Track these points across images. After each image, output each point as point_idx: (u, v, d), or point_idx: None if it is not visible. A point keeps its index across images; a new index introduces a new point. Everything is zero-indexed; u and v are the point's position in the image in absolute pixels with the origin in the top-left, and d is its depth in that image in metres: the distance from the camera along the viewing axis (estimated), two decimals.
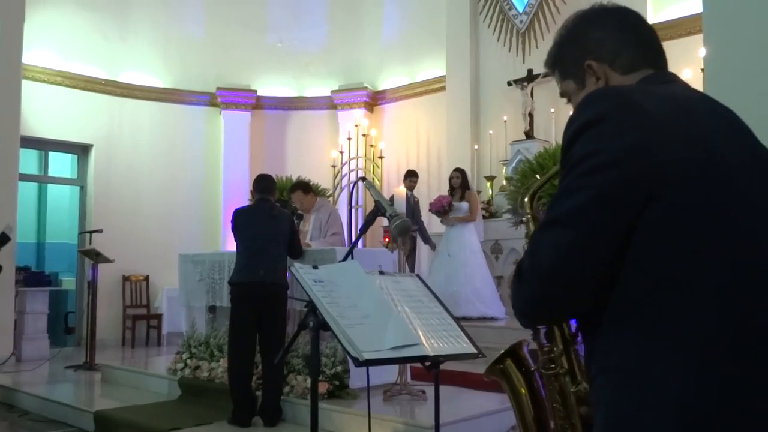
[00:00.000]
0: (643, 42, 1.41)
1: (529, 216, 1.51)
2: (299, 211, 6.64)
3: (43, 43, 10.11)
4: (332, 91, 11.81)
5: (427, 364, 2.28)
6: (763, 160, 1.26)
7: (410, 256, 8.21)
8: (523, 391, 1.54)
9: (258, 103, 11.83)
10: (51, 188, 11.99)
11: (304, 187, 6.80)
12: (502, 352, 1.57)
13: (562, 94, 1.49)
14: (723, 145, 1.21)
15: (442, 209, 8.00)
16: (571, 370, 1.41)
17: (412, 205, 8.43)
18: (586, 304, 1.21)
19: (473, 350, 2.30)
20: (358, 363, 2.02)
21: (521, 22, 9.76)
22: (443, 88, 10.65)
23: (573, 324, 1.40)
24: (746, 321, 1.11)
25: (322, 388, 5.06)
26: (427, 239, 8.47)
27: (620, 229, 1.15)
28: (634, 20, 1.43)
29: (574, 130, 1.23)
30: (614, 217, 1.15)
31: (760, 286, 1.13)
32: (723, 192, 1.16)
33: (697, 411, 1.08)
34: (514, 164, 8.87)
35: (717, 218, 1.14)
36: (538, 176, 5.90)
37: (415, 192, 8.80)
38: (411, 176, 8.74)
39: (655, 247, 1.14)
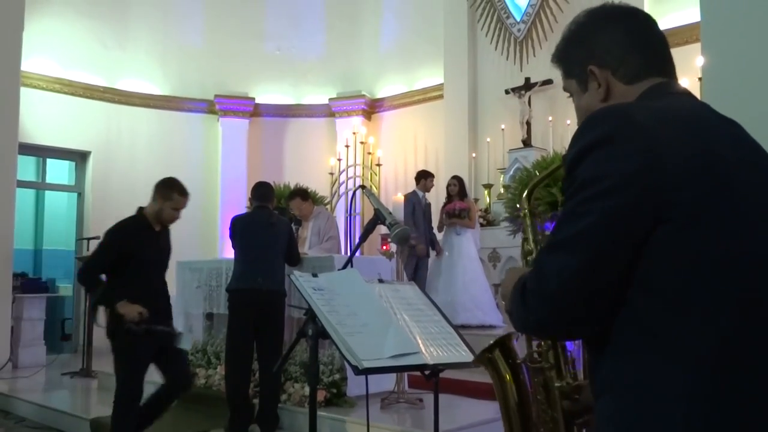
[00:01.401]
0: (651, 49, 1.37)
1: (526, 211, 1.53)
2: (298, 217, 6.66)
3: (42, 51, 10.12)
4: (330, 99, 11.83)
5: (427, 372, 2.28)
6: None
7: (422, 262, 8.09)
8: (509, 380, 1.56)
9: (256, 111, 11.85)
10: (49, 195, 11.98)
11: (302, 194, 6.80)
12: (492, 342, 1.59)
13: (565, 90, 1.48)
14: (731, 164, 1.19)
15: (453, 211, 8.01)
16: (557, 366, 1.44)
17: (424, 207, 8.20)
18: (593, 327, 1.21)
19: (472, 359, 2.30)
20: (358, 371, 2.01)
21: (519, 30, 9.80)
22: (441, 96, 10.67)
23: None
24: (750, 340, 1.11)
25: (320, 396, 5.05)
26: (434, 244, 8.24)
27: (626, 255, 1.15)
28: (644, 24, 1.40)
29: (578, 150, 1.22)
30: (620, 244, 1.15)
31: (764, 312, 1.13)
32: (730, 214, 1.15)
33: (703, 427, 1.09)
34: (511, 172, 8.88)
35: (722, 240, 1.13)
36: (536, 173, 5.92)
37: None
38: (430, 176, 8.35)
39: (661, 269, 1.13)
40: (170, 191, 4.44)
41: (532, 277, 1.24)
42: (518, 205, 4.79)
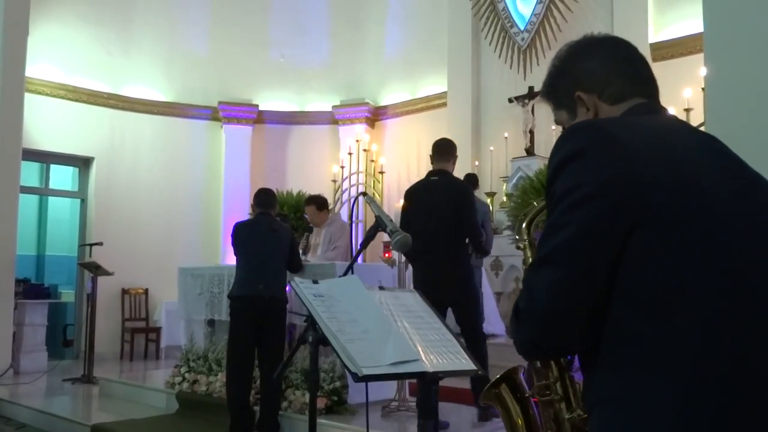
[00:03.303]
0: (632, 72, 1.42)
1: (526, 242, 1.53)
2: (310, 225, 6.75)
3: (46, 57, 10.16)
4: (333, 106, 11.85)
5: (426, 379, 2.27)
6: (751, 184, 1.26)
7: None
8: (519, 418, 1.54)
9: (259, 118, 11.87)
10: (52, 201, 12.00)
11: (319, 203, 6.79)
12: (498, 377, 1.58)
13: (557, 122, 1.52)
14: (703, 172, 1.21)
15: None
16: (566, 397, 1.41)
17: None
18: (586, 340, 1.21)
19: (473, 367, 2.29)
20: (357, 378, 2.01)
21: (522, 39, 9.81)
22: (444, 105, 10.68)
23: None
24: (732, 349, 1.10)
25: (321, 403, 5.05)
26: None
27: (609, 261, 1.15)
28: (623, 50, 1.44)
29: (554, 166, 1.25)
30: (601, 250, 1.16)
31: (746, 313, 1.12)
32: (705, 218, 1.15)
33: None
34: (514, 181, 8.89)
35: (699, 245, 1.14)
36: (535, 203, 5.90)
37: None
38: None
39: (639, 277, 1.14)
40: None
41: (523, 295, 1.25)
42: (517, 237, 4.81)
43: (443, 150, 5.26)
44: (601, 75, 1.40)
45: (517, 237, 5.37)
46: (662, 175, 1.17)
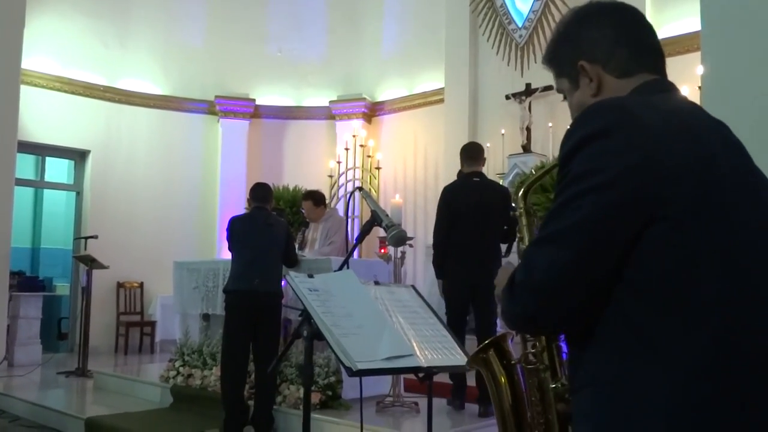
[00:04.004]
0: (639, 42, 1.36)
1: (522, 210, 1.52)
2: (306, 219, 6.75)
3: (42, 49, 10.12)
4: (330, 102, 11.83)
5: (421, 375, 2.28)
6: (759, 177, 1.25)
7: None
8: (503, 381, 1.55)
9: (256, 112, 11.84)
10: (47, 193, 11.96)
11: (316, 199, 6.78)
12: (486, 342, 1.58)
13: (558, 91, 1.48)
14: (725, 165, 1.18)
15: None
16: (552, 367, 1.42)
17: None
18: (578, 321, 1.19)
19: (467, 362, 2.29)
20: (352, 373, 2.01)
21: (520, 36, 9.81)
22: (441, 101, 10.67)
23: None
24: (736, 340, 1.10)
25: (315, 398, 5.05)
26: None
27: (617, 250, 1.13)
28: (630, 18, 1.38)
29: (575, 143, 1.20)
30: (612, 240, 1.13)
31: (757, 316, 1.12)
32: (723, 214, 1.14)
33: (687, 427, 1.08)
34: (510, 178, 8.88)
35: (716, 239, 1.13)
36: (533, 171, 5.91)
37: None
38: None
39: (652, 268, 1.12)
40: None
41: (520, 269, 1.22)
42: (513, 204, 4.93)
43: (476, 153, 5.66)
44: (605, 44, 1.34)
45: (513, 205, 5.51)
46: (684, 166, 1.14)
